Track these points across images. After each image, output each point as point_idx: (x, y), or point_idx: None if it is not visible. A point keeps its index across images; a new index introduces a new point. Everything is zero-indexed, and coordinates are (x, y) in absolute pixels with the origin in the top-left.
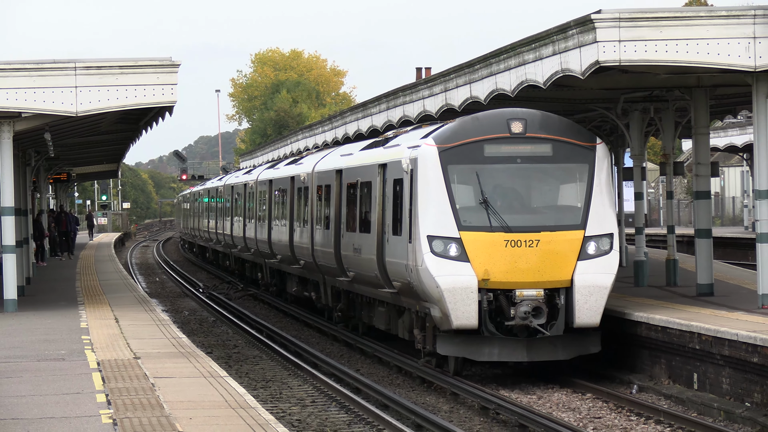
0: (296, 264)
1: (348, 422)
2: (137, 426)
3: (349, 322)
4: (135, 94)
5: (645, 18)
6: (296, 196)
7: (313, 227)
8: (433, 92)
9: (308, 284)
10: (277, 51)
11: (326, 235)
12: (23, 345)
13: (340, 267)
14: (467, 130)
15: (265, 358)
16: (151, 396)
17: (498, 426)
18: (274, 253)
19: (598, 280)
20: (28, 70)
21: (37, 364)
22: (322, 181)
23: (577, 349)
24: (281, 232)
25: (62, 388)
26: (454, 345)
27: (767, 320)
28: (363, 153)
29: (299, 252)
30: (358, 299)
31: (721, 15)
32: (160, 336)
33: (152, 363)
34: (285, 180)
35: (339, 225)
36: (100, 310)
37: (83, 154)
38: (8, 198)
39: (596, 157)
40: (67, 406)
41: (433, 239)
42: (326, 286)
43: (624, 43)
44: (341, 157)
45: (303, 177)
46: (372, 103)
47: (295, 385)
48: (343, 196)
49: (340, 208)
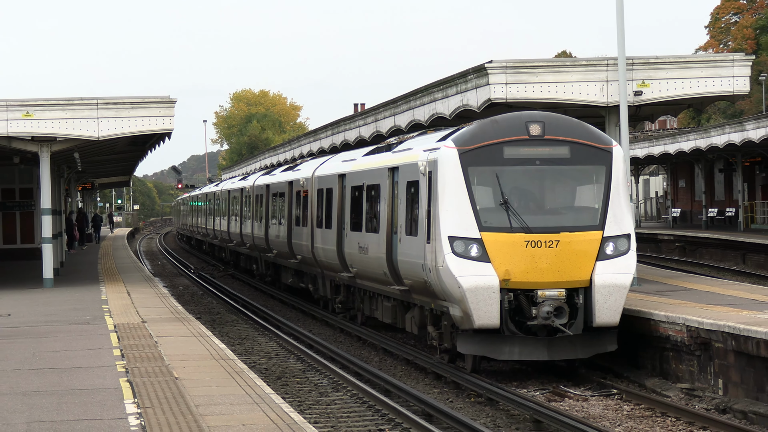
0: (293, 258)
1: (303, 370)
2: (144, 372)
3: (348, 313)
4: (142, 123)
5: (525, 66)
6: (294, 199)
7: (313, 227)
8: (367, 122)
9: (304, 276)
10: (249, 91)
11: (328, 234)
12: (58, 312)
13: (342, 263)
14: (486, 132)
15: (240, 322)
16: (154, 350)
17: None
18: (271, 249)
19: (617, 279)
20: (62, 105)
21: (68, 327)
22: (322, 185)
23: (595, 347)
24: (279, 230)
25: (87, 344)
26: (474, 344)
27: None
28: (368, 158)
29: (297, 248)
30: (359, 293)
31: (581, 64)
32: (161, 305)
33: (155, 326)
34: (283, 184)
35: (341, 225)
36: (116, 286)
37: (103, 168)
38: (47, 201)
39: (613, 159)
40: (91, 358)
41: (455, 240)
42: (325, 280)
43: (509, 85)
44: (342, 162)
45: (302, 181)
46: (321, 130)
47: (263, 342)
48: (346, 198)
49: (342, 209)
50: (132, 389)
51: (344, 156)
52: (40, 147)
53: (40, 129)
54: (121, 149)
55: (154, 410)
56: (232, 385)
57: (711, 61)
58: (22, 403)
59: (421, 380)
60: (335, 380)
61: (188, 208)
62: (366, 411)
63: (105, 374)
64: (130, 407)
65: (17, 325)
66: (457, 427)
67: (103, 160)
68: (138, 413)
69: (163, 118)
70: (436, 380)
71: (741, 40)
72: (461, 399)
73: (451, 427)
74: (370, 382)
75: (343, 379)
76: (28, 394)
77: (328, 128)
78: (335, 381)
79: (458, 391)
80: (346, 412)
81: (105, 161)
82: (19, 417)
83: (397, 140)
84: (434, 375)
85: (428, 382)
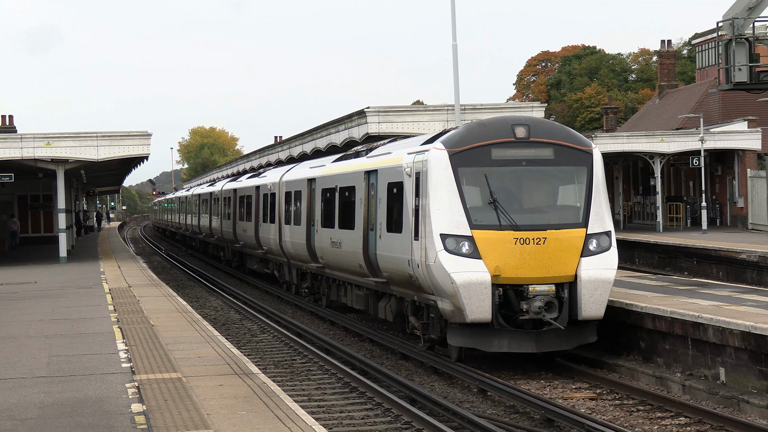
0: (260, 249)
1: (240, 319)
2: (129, 321)
3: (313, 296)
4: (128, 150)
5: (392, 111)
6: (262, 200)
7: (281, 224)
8: (283, 148)
9: (269, 264)
10: (202, 127)
11: (297, 230)
12: (70, 280)
13: (312, 255)
14: (474, 135)
15: (197, 287)
16: (137, 306)
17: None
18: (238, 240)
19: (602, 275)
20: (72, 137)
21: (77, 290)
22: (290, 188)
23: (579, 339)
24: (247, 226)
25: (91, 302)
26: (465, 337)
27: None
28: (338, 164)
29: (264, 241)
30: (326, 280)
31: (430, 109)
32: (141, 275)
33: (137, 289)
34: (250, 188)
35: (310, 222)
36: (110, 262)
37: (101, 180)
38: (61, 203)
39: (593, 160)
40: (93, 311)
41: (446, 237)
42: (291, 268)
43: (381, 123)
44: (311, 169)
45: (269, 185)
46: (253, 154)
47: (212, 300)
48: (316, 199)
49: (311, 208)
50: (122, 332)
51: (311, 164)
52: (57, 166)
53: (57, 154)
54: (114, 167)
55: (137, 347)
56: (191, 330)
57: (518, 107)
58: (44, 342)
59: (343, 338)
60: (262, 326)
61: (162, 208)
62: (283, 347)
63: (103, 323)
64: (120, 345)
65: (41, 289)
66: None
67: (100, 175)
68: (126, 349)
69: (143, 146)
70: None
71: (537, 93)
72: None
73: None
74: (287, 327)
75: (267, 326)
76: (49, 336)
77: (256, 153)
78: (262, 327)
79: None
80: (269, 347)
81: (102, 176)
82: (43, 352)
83: (365, 148)
84: (357, 335)
85: (348, 341)
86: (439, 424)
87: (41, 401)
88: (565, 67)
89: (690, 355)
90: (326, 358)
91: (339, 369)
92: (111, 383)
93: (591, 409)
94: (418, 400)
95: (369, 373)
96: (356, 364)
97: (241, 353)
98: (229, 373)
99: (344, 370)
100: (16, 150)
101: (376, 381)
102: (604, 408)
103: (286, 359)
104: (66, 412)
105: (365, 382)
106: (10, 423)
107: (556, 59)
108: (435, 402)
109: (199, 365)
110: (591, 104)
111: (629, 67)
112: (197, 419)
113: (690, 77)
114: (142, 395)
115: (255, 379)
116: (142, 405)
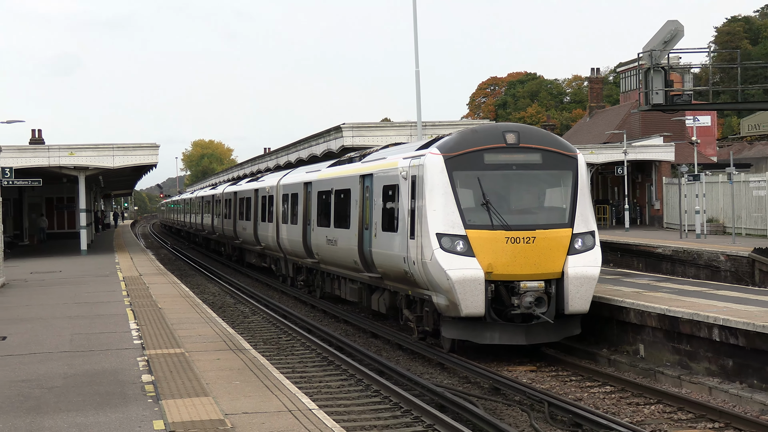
0: (258, 245)
1: (234, 303)
2: (140, 305)
3: (307, 288)
4: (139, 159)
5: (364, 126)
6: (260, 202)
7: (279, 223)
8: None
9: (267, 258)
10: (202, 139)
11: (293, 228)
12: (89, 269)
13: (308, 252)
14: (468, 140)
15: (198, 276)
16: (146, 292)
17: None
18: (238, 237)
19: (587, 271)
20: (92, 148)
21: (96, 278)
22: (288, 191)
23: (566, 331)
24: (246, 225)
25: (107, 288)
26: (458, 330)
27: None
28: (333, 169)
29: (263, 239)
30: (321, 274)
31: (396, 125)
32: (150, 266)
33: (147, 278)
34: (249, 191)
35: (306, 221)
36: (124, 254)
37: (116, 185)
38: (83, 204)
39: (578, 165)
40: (109, 295)
41: (442, 236)
42: (287, 263)
43: (354, 137)
44: (307, 173)
45: (267, 189)
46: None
47: (211, 287)
48: (311, 201)
49: (307, 209)
50: (134, 314)
51: (306, 169)
52: (79, 173)
53: (79, 162)
54: (127, 173)
55: (147, 326)
56: (193, 312)
57: (471, 124)
58: (68, 322)
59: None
60: (253, 309)
61: (169, 209)
62: (271, 327)
63: (118, 306)
64: (132, 324)
65: (65, 277)
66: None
67: (116, 180)
68: (137, 328)
69: (152, 155)
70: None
71: (487, 112)
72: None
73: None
74: (275, 310)
75: (257, 309)
76: (71, 317)
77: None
78: (253, 309)
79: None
80: (259, 326)
81: (117, 181)
82: (67, 331)
83: (359, 155)
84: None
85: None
86: (402, 391)
87: (65, 372)
88: (511, 90)
89: (615, 334)
90: (308, 336)
91: (318, 345)
92: (124, 357)
93: (531, 380)
94: (386, 372)
95: (344, 349)
96: (333, 341)
97: (235, 332)
98: (225, 348)
99: (323, 347)
100: (44, 159)
101: (350, 356)
102: (542, 378)
103: (274, 337)
104: (86, 382)
105: (341, 357)
106: (39, 391)
107: (502, 83)
108: (400, 373)
109: (199, 342)
110: (532, 122)
111: (564, 91)
112: (198, 388)
113: (615, 99)
114: (151, 367)
115: (247, 354)
116: (151, 375)
